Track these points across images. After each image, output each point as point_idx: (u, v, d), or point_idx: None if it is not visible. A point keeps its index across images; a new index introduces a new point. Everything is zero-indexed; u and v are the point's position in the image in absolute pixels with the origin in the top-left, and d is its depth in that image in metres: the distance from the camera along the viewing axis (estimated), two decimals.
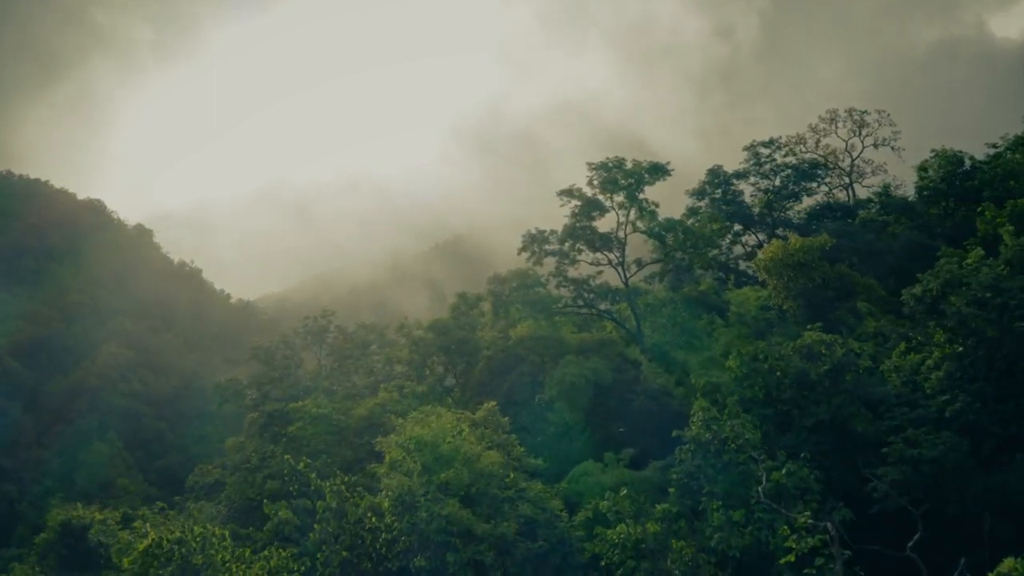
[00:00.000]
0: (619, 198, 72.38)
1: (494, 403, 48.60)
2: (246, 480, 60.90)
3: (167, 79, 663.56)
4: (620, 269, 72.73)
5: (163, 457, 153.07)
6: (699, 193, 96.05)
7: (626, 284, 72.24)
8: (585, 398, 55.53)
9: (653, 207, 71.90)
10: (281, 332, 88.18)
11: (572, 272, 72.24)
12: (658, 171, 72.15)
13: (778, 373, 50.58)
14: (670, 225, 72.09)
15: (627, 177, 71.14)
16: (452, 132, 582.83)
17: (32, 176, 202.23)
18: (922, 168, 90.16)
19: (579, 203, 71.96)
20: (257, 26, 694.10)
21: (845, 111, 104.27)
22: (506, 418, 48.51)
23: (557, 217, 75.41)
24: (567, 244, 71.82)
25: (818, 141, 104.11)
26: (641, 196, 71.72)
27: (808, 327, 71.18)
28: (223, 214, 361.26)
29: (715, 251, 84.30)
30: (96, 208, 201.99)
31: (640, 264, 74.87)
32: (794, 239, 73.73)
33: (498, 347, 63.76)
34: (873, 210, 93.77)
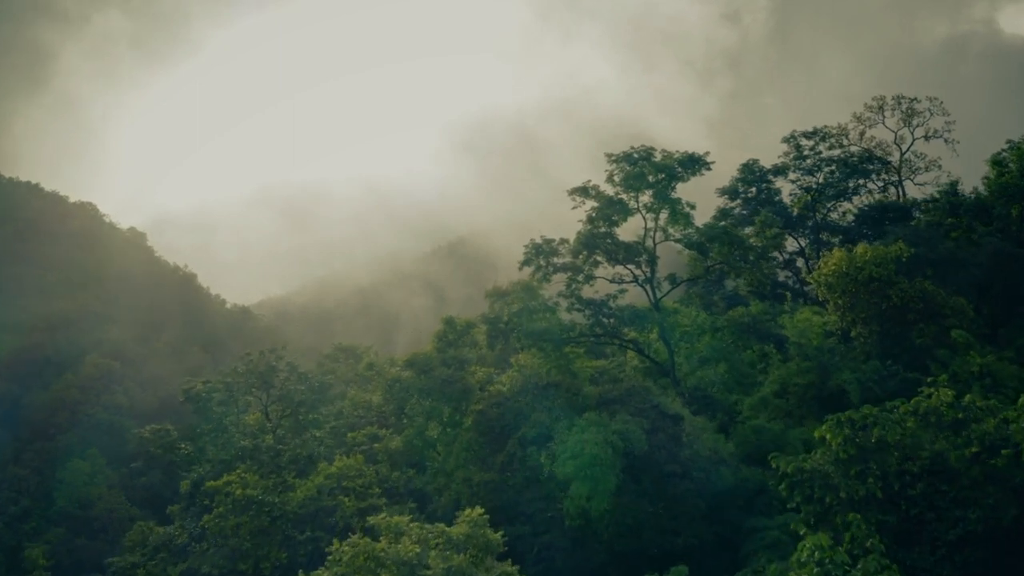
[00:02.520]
0: (645, 198, 54.25)
1: (480, 511, 30.59)
2: (163, 573, 43.21)
3: (166, 80, 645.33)
4: (649, 287, 54.38)
5: (147, 474, 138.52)
6: (731, 192, 77.59)
7: (656, 306, 53.96)
8: (613, 477, 37.40)
9: (689, 209, 53.80)
10: (220, 372, 69.43)
11: (587, 292, 53.99)
12: (694, 164, 53.83)
13: (896, 455, 32.65)
14: (713, 233, 53.69)
15: (656, 172, 52.92)
16: (451, 132, 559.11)
17: (23, 179, 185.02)
18: (997, 161, 72.01)
19: (596, 204, 53.66)
20: (255, 26, 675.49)
21: (893, 98, 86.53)
22: (499, 533, 30.53)
23: (561, 218, 57.50)
24: (581, 256, 53.46)
25: (862, 132, 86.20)
26: (674, 195, 53.67)
27: (887, 362, 53.84)
28: (225, 216, 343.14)
29: (767, 265, 65.70)
30: (88, 211, 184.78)
31: (674, 281, 56.28)
32: (862, 248, 55.82)
33: (492, 399, 45.64)
34: (937, 211, 75.50)
